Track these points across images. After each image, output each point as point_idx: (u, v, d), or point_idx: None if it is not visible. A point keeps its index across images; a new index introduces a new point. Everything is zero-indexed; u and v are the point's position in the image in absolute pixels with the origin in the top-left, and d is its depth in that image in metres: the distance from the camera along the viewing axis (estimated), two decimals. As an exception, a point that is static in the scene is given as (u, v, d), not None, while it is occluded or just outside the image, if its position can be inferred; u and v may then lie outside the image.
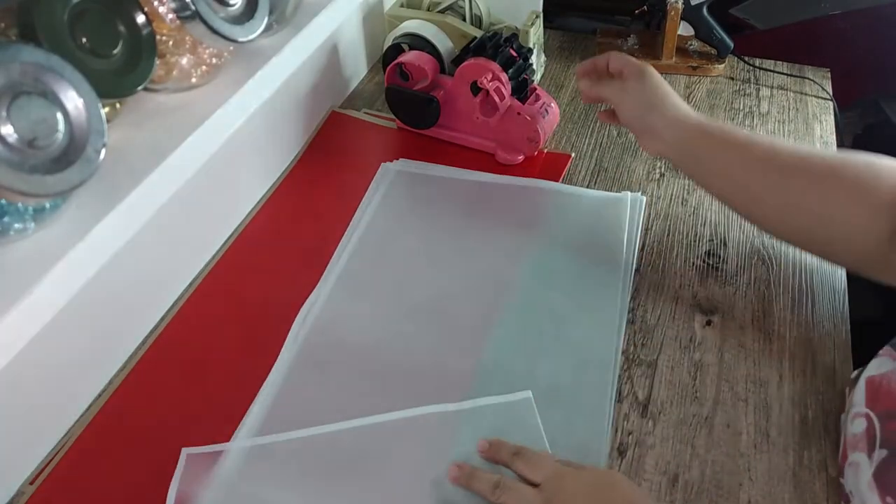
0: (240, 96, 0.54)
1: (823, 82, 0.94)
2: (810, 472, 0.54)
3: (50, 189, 0.39)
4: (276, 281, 0.70)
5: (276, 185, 0.82)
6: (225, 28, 0.51)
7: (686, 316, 0.65)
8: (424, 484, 0.54)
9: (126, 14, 0.47)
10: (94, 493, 0.54)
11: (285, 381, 0.61)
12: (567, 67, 1.00)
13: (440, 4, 0.90)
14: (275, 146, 0.82)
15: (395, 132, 0.88)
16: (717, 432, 0.56)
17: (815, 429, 0.56)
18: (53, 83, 0.39)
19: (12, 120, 0.37)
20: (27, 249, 0.41)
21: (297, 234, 0.75)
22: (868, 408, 0.52)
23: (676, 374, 0.61)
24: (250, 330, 0.66)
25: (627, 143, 0.86)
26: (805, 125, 0.88)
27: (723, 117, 0.89)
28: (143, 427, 0.58)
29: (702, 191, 0.79)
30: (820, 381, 0.60)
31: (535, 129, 0.79)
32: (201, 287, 0.70)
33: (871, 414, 0.51)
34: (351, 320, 0.66)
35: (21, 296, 0.39)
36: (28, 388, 0.54)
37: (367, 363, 0.62)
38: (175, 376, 0.62)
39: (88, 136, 0.41)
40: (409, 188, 0.80)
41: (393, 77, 0.83)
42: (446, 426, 0.57)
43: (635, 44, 1.01)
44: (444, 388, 0.59)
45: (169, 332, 0.66)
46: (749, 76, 0.96)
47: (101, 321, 0.60)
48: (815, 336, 0.63)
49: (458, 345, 0.63)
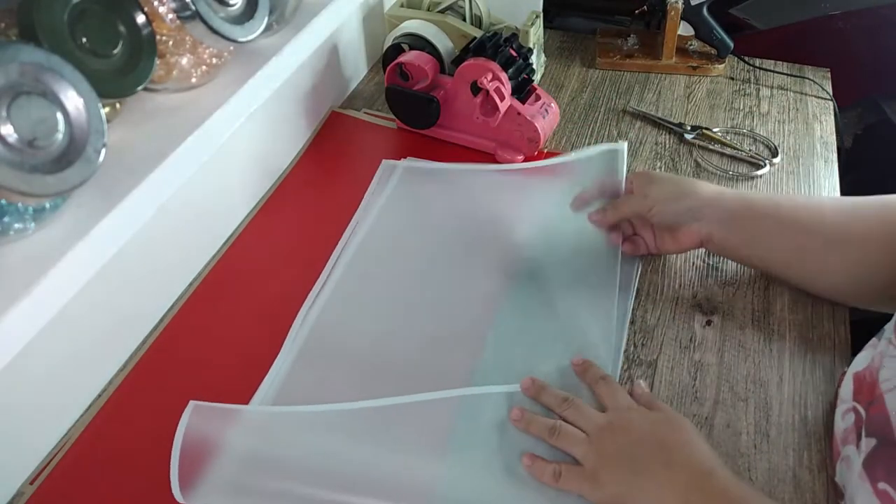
0: (240, 96, 0.54)
1: (823, 82, 0.94)
2: (810, 472, 0.54)
3: (50, 189, 0.39)
4: (277, 281, 0.70)
5: (277, 185, 0.82)
6: (225, 28, 0.51)
7: (686, 316, 0.65)
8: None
9: (126, 14, 0.47)
10: (94, 494, 0.54)
11: (285, 380, 0.61)
12: (567, 67, 1.00)
13: (440, 4, 0.90)
14: (275, 146, 0.82)
15: (395, 132, 0.88)
16: (717, 432, 0.56)
17: (815, 429, 0.56)
18: (53, 83, 0.39)
19: (12, 120, 0.37)
20: (27, 249, 0.41)
21: (298, 233, 0.75)
22: (855, 401, 0.53)
23: (676, 374, 0.61)
24: (250, 330, 0.66)
25: (627, 144, 0.86)
26: (805, 125, 0.88)
27: (723, 117, 0.89)
28: (143, 427, 0.58)
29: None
30: (820, 381, 0.60)
31: (535, 129, 0.79)
32: (201, 287, 0.70)
33: (857, 406, 0.52)
34: (352, 319, 0.66)
35: (21, 296, 0.39)
36: (28, 388, 0.54)
37: (367, 361, 0.62)
38: (175, 376, 0.62)
39: (88, 136, 0.41)
40: (415, 185, 0.80)
41: (393, 77, 0.83)
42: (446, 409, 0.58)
43: (635, 44, 1.01)
44: (444, 386, 0.59)
45: (169, 331, 0.66)
46: (749, 76, 0.97)
47: (101, 321, 0.60)
48: (815, 336, 0.63)
49: (459, 343, 0.63)
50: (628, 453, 0.51)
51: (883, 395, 0.48)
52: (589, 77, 0.98)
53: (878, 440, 0.47)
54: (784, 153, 0.83)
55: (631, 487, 0.50)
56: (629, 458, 0.51)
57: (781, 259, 0.63)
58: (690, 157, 0.84)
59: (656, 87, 0.95)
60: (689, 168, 0.82)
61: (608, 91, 0.95)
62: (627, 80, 0.97)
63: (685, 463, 0.50)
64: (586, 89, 0.96)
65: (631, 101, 0.93)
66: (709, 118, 0.89)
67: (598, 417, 0.54)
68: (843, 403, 0.54)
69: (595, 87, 0.96)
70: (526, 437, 0.55)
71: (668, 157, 0.84)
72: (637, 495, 0.49)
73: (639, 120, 0.90)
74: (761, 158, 0.82)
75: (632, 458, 0.51)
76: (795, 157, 0.83)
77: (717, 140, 0.85)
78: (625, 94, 0.94)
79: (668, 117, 0.89)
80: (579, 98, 0.94)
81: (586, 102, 0.93)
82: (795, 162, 0.82)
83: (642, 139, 0.87)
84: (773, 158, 0.82)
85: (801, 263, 0.62)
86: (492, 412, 0.57)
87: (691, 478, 0.49)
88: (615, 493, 0.50)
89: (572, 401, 0.56)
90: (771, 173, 0.81)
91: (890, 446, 0.46)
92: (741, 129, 0.87)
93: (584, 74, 0.98)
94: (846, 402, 0.54)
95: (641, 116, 0.90)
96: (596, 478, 0.51)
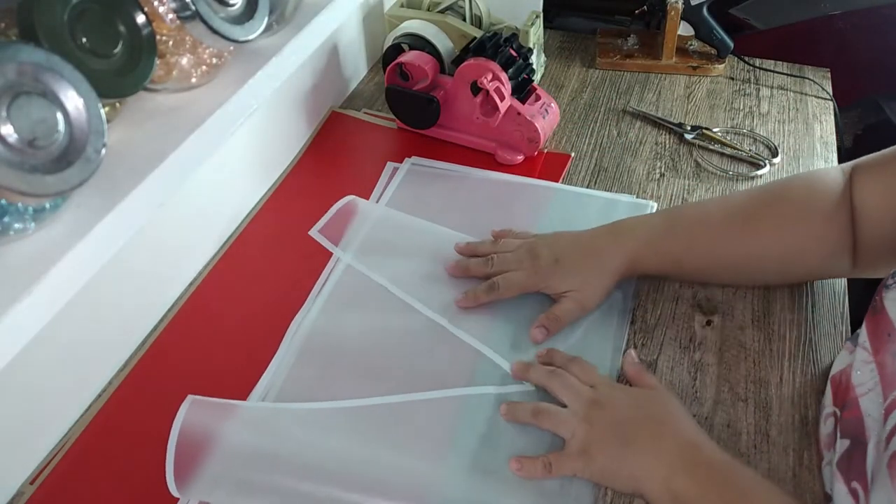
0: (240, 96, 0.54)
1: (823, 82, 0.94)
2: (810, 472, 0.54)
3: (50, 189, 0.39)
4: (277, 281, 0.70)
5: (277, 185, 0.82)
6: (225, 28, 0.51)
7: (686, 316, 0.65)
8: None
9: (126, 14, 0.47)
10: (94, 494, 0.54)
11: (284, 379, 0.61)
12: (567, 67, 1.00)
13: (440, 4, 0.90)
14: (275, 146, 0.82)
15: (395, 132, 0.88)
16: (717, 432, 0.56)
17: (815, 429, 0.56)
18: (53, 83, 0.39)
19: (12, 120, 0.37)
20: (27, 249, 0.41)
21: (298, 233, 0.75)
22: (834, 406, 0.53)
23: (676, 374, 0.61)
24: (250, 330, 0.66)
25: (627, 144, 0.86)
26: (805, 125, 0.88)
27: (723, 117, 0.89)
28: (143, 427, 0.58)
29: (702, 191, 0.79)
30: (820, 381, 0.59)
31: (535, 129, 0.79)
32: (202, 287, 0.70)
33: (836, 411, 0.53)
34: (352, 318, 0.66)
35: (21, 296, 0.39)
36: (28, 388, 0.54)
37: (366, 361, 0.62)
38: (175, 376, 0.62)
39: (88, 136, 0.41)
40: (419, 185, 0.80)
41: (393, 77, 0.83)
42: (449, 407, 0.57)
43: (635, 44, 1.01)
44: (445, 385, 0.59)
45: (169, 332, 0.66)
46: (749, 76, 0.96)
47: (101, 321, 0.60)
48: (815, 336, 0.63)
49: (460, 342, 0.63)
50: (617, 427, 0.53)
51: (857, 399, 0.49)
52: (589, 77, 0.98)
53: (850, 441, 0.48)
54: (784, 153, 0.83)
55: (621, 460, 0.51)
56: (618, 432, 0.52)
57: (706, 265, 0.64)
58: (690, 157, 0.84)
59: (656, 87, 0.95)
60: (690, 168, 0.82)
61: (608, 91, 0.95)
62: (627, 80, 0.97)
63: (673, 435, 0.52)
64: (586, 89, 0.96)
65: (631, 101, 0.93)
66: (709, 118, 0.89)
67: (584, 390, 0.55)
68: (825, 409, 0.55)
69: (595, 87, 0.96)
70: (522, 434, 0.55)
71: (668, 157, 0.84)
72: (627, 466, 0.51)
73: (639, 120, 0.90)
74: (761, 158, 0.82)
75: (621, 432, 0.52)
76: (795, 157, 0.83)
77: (717, 140, 0.85)
78: (625, 94, 0.94)
79: (668, 117, 0.89)
80: (579, 98, 0.94)
81: (586, 102, 0.93)
82: (795, 162, 0.82)
83: (642, 139, 0.87)
84: (773, 158, 0.82)
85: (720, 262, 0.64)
86: (492, 411, 0.57)
87: (680, 448, 0.51)
88: (605, 465, 0.52)
89: (559, 372, 0.57)
90: (771, 173, 0.81)
91: (861, 447, 0.46)
92: (741, 129, 0.87)
93: (584, 74, 0.98)
94: (827, 408, 0.54)
95: (641, 116, 0.90)
96: (587, 453, 0.52)
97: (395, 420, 0.57)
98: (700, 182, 0.80)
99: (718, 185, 0.80)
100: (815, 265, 0.62)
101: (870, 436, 0.46)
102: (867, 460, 0.45)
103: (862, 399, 0.49)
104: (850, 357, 0.53)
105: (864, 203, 0.58)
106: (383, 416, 0.57)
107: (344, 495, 0.52)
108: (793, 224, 0.60)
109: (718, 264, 0.64)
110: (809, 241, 0.60)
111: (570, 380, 0.56)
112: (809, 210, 0.60)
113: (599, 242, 0.65)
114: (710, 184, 0.80)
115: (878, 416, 0.46)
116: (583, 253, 0.64)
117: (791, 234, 0.60)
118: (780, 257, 0.62)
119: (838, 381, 0.54)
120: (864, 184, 0.58)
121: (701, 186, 0.79)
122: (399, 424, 0.57)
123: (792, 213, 0.61)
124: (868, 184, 0.58)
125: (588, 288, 0.63)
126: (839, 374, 0.54)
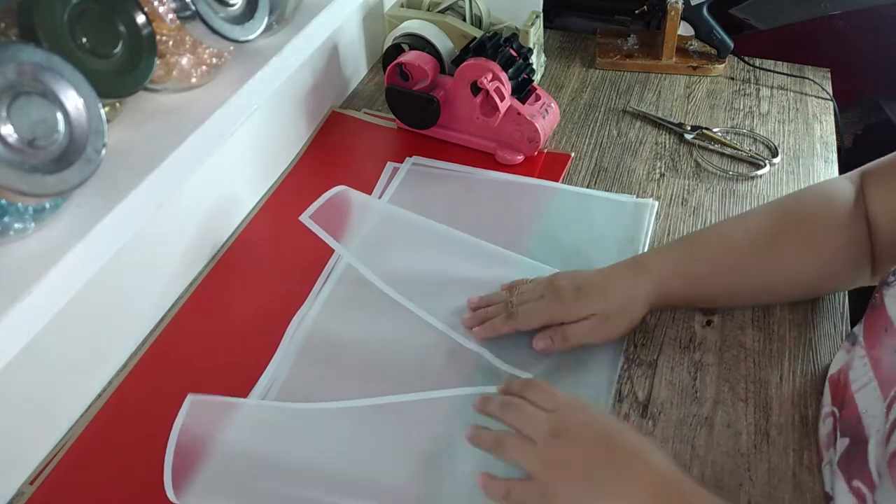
0: (240, 96, 0.54)
1: (823, 82, 0.94)
2: (810, 472, 0.54)
3: (50, 189, 0.39)
4: (277, 281, 0.70)
5: (277, 185, 0.82)
6: (225, 28, 0.51)
7: (686, 316, 0.65)
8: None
9: (126, 14, 0.47)
10: (93, 494, 0.54)
11: (285, 380, 0.61)
12: (567, 67, 1.00)
13: (440, 4, 0.90)
14: (275, 146, 0.82)
15: (395, 132, 0.88)
16: (717, 432, 0.56)
17: (814, 429, 0.56)
18: (53, 83, 0.39)
19: (12, 120, 0.37)
20: (27, 249, 0.41)
21: (298, 233, 0.75)
22: (833, 405, 0.53)
23: (676, 374, 0.61)
24: (250, 330, 0.66)
25: (627, 143, 0.86)
26: (805, 125, 0.88)
27: (723, 117, 0.89)
28: (143, 427, 0.58)
29: (702, 191, 0.79)
30: (820, 380, 0.59)
31: (535, 129, 0.79)
32: (201, 287, 0.70)
33: (834, 410, 0.53)
34: (352, 318, 0.66)
35: (21, 296, 0.39)
36: (28, 389, 0.54)
37: (366, 361, 0.62)
38: (175, 376, 0.62)
39: (88, 136, 0.41)
40: (420, 186, 0.80)
41: (393, 77, 0.83)
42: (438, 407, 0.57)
43: (635, 44, 1.01)
44: (445, 385, 0.59)
45: (169, 332, 0.66)
46: (749, 76, 0.97)
47: (101, 321, 0.60)
48: (814, 336, 0.63)
49: (459, 342, 0.63)
50: (581, 463, 0.47)
51: (854, 396, 0.49)
52: (589, 77, 0.98)
53: (850, 439, 0.48)
54: (784, 153, 0.83)
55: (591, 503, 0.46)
56: (583, 469, 0.47)
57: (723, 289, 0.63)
58: (690, 157, 0.84)
59: (656, 87, 0.95)
60: (690, 168, 0.82)
61: (608, 91, 0.95)
62: (627, 80, 0.97)
63: (649, 473, 0.46)
64: (586, 89, 0.96)
65: (631, 101, 0.93)
66: (709, 118, 0.89)
67: (541, 420, 0.50)
68: (824, 409, 0.55)
69: (595, 87, 0.96)
70: None
71: (668, 157, 0.84)
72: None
73: (639, 120, 0.90)
74: (761, 158, 0.82)
75: (587, 471, 0.47)
76: (795, 157, 0.83)
77: (717, 140, 0.85)
78: (625, 94, 0.94)
79: (668, 117, 0.89)
80: (579, 98, 0.94)
81: (586, 102, 0.93)
82: (795, 162, 0.82)
83: (642, 139, 0.87)
84: (773, 158, 0.82)
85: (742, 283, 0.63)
86: None
87: (657, 488, 0.46)
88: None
89: (515, 403, 0.52)
90: (771, 173, 0.81)
91: (861, 444, 0.46)
92: (741, 129, 0.87)
93: (584, 74, 0.98)
94: (826, 407, 0.54)
95: (641, 116, 0.90)
96: (548, 493, 0.47)
97: (395, 419, 0.57)
98: (700, 182, 0.80)
99: (718, 185, 0.80)
100: (843, 278, 0.62)
101: (869, 433, 0.46)
102: (868, 458, 0.45)
103: (857, 395, 0.49)
104: (848, 356, 0.53)
105: (878, 211, 0.58)
106: (383, 415, 0.57)
107: (340, 501, 0.52)
108: (817, 240, 0.60)
109: (748, 288, 0.63)
110: (835, 254, 0.60)
111: (526, 409, 0.51)
112: (830, 225, 0.59)
113: (624, 273, 0.62)
114: (710, 184, 0.80)
115: (876, 412, 0.46)
116: (607, 282, 0.61)
117: (818, 251, 0.60)
118: (809, 274, 0.61)
119: (836, 380, 0.54)
120: (877, 192, 0.59)
121: (701, 186, 0.79)
122: (398, 424, 0.57)
123: (815, 230, 0.60)
124: (880, 192, 0.59)
125: (612, 315, 0.60)
126: (837, 374, 0.54)
